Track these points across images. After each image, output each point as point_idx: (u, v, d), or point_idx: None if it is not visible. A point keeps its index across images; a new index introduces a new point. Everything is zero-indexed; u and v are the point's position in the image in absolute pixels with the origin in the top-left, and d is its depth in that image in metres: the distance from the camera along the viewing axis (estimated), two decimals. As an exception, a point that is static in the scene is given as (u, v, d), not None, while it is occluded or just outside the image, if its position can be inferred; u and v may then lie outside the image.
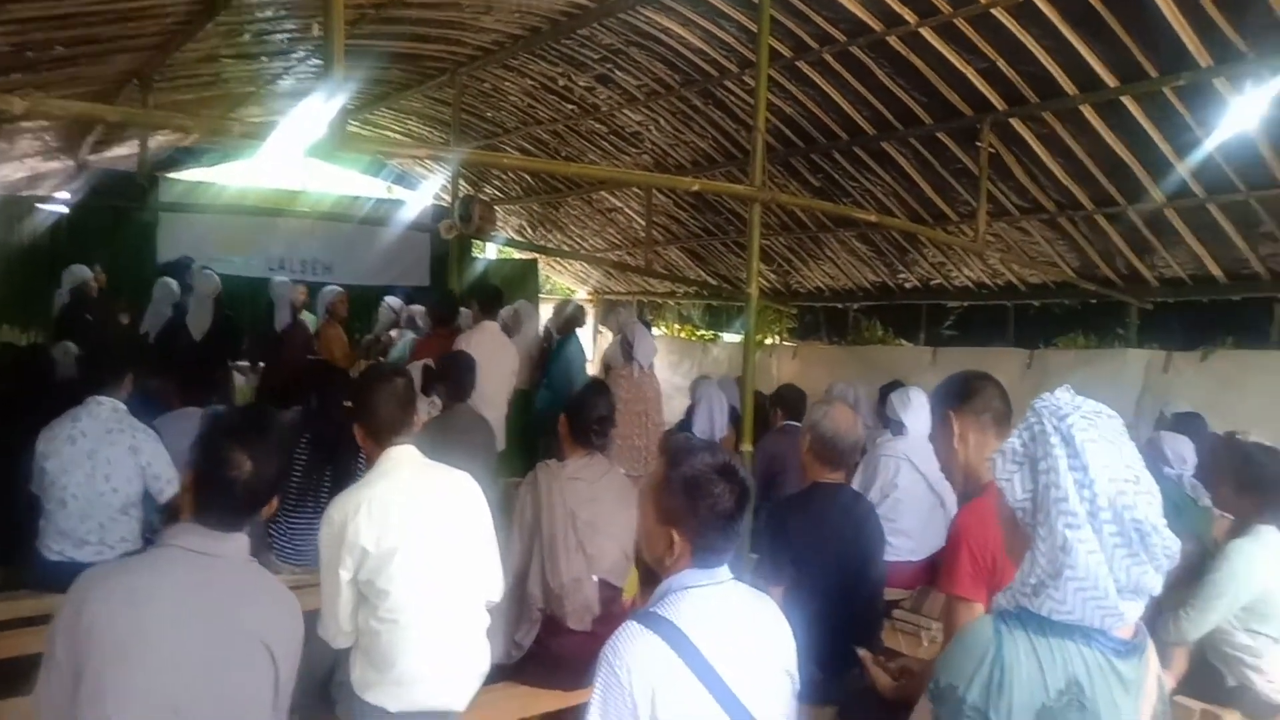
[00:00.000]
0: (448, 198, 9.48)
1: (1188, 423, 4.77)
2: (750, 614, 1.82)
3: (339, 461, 3.72)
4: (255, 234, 9.65)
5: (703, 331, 11.62)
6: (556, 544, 3.04)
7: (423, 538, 2.46)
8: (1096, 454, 1.23)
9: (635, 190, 9.45)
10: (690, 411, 5.73)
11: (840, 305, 9.42)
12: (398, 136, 10.41)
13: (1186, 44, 4.53)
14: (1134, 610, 1.25)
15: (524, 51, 7.29)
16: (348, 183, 12.05)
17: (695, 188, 4.57)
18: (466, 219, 6.79)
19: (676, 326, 12.07)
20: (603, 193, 10.01)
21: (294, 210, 10.14)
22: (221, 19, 5.48)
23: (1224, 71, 4.55)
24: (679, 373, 10.37)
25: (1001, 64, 5.33)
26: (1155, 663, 1.34)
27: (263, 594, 1.81)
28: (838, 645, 2.60)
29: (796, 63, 6.10)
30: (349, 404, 2.87)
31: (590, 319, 12.50)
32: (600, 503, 3.09)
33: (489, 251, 12.71)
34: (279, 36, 6.48)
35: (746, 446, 4.46)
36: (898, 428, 4.44)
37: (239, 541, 1.77)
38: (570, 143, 9.08)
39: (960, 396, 2.26)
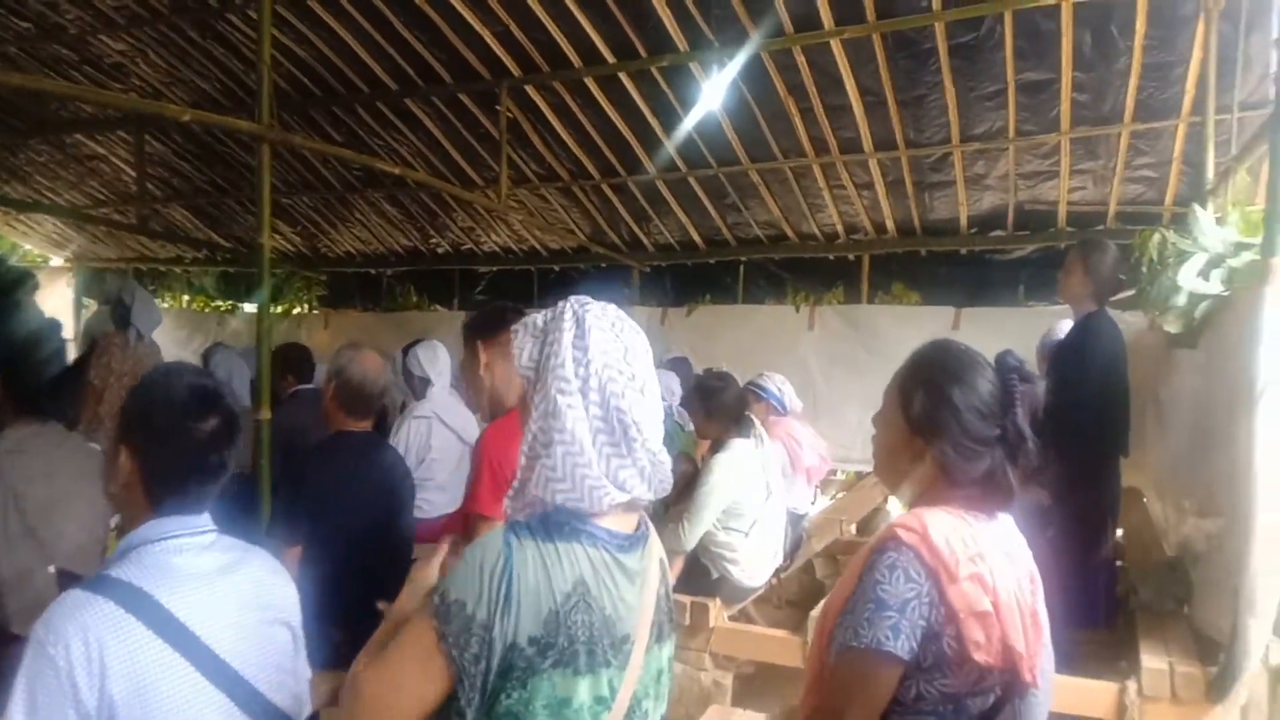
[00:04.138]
0: None
1: (678, 365, 5.54)
2: (234, 563, 1.58)
3: None
4: None
5: (218, 302, 10.44)
6: (-7, 533, 2.42)
7: None
8: (600, 340, 1.29)
9: (123, 135, 8.07)
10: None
11: (373, 271, 9.15)
12: None
13: (668, 27, 5.11)
14: (619, 498, 1.28)
15: (-54, -58, 5.74)
16: None
17: (186, 118, 3.98)
18: None
19: (186, 297, 10.67)
20: (79, 136, 8.38)
21: None
22: None
23: (697, 56, 5.23)
24: (189, 349, 9.21)
25: (515, 29, 5.50)
26: (658, 549, 1.41)
27: None
28: (365, 601, 2.44)
29: (307, 1, 5.66)
30: None
31: (71, 290, 10.57)
32: (58, 478, 2.51)
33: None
34: None
35: (265, 414, 4.06)
36: (423, 385, 4.37)
37: None
38: (28, 70, 7.40)
39: (491, 328, 2.35)
